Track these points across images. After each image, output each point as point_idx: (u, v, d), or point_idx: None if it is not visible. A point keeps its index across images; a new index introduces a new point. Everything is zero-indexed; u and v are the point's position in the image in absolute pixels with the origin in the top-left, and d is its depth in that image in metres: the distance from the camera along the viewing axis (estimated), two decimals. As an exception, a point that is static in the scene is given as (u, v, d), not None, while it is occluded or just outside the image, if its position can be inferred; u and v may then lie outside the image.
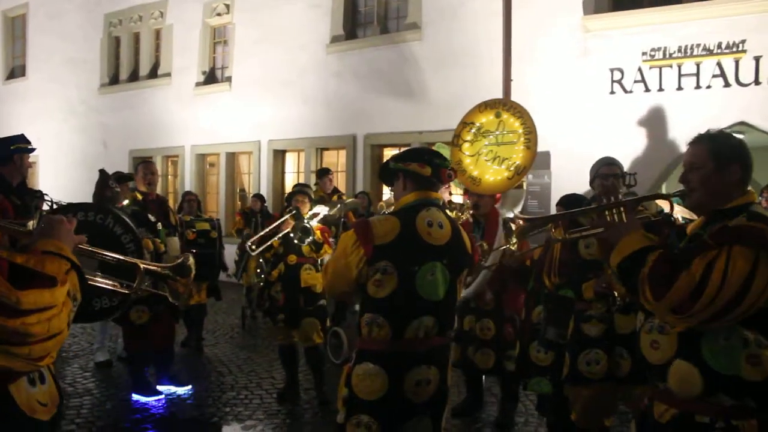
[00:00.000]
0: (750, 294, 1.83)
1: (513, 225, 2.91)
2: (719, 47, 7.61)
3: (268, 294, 5.32)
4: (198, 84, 12.85)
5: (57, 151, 14.65)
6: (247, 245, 5.36)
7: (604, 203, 2.41)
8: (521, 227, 2.78)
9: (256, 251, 5.26)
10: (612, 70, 8.29)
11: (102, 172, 5.33)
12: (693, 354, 1.96)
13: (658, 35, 7.95)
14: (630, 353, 3.42)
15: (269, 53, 11.57)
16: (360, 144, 10.73)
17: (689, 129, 2.69)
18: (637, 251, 2.05)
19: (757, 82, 7.42)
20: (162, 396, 5.28)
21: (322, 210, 5.43)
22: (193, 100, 12.83)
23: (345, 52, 10.85)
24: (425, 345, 2.54)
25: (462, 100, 7.11)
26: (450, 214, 2.88)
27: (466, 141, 5.52)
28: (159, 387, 5.39)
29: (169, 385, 5.47)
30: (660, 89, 8.00)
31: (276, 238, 5.17)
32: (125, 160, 13.61)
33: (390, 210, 3.17)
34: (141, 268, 2.23)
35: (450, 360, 2.71)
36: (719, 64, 7.62)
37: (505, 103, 5.67)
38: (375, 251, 2.49)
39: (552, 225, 3.39)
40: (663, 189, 8.46)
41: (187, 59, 12.94)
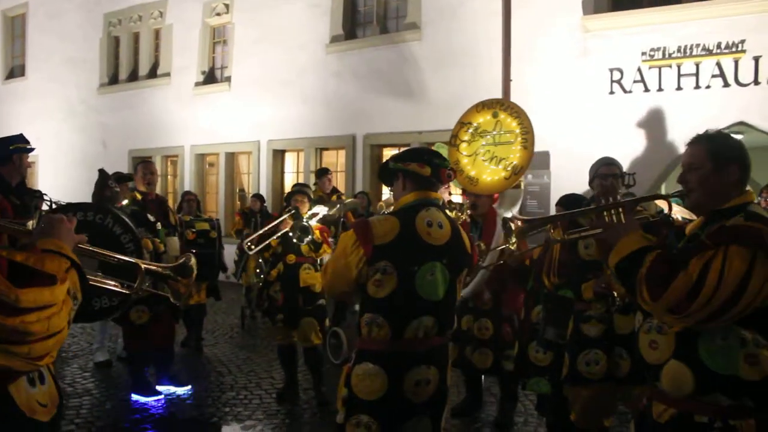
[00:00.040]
0: (746, 294, 1.83)
1: (512, 224, 2.91)
2: (718, 47, 7.62)
3: (267, 294, 5.32)
4: (197, 84, 12.85)
5: (56, 151, 14.64)
6: (245, 244, 5.36)
7: (602, 204, 2.42)
8: (520, 228, 2.78)
9: (254, 250, 5.26)
10: (611, 70, 8.30)
11: (101, 171, 5.33)
12: (690, 354, 1.96)
13: (657, 35, 7.95)
14: (629, 353, 3.42)
15: (269, 53, 11.57)
16: (359, 144, 10.72)
17: (688, 129, 2.68)
18: (635, 252, 2.05)
19: (757, 82, 7.43)
20: (161, 396, 5.28)
21: (321, 210, 5.43)
22: (193, 99, 12.83)
23: (344, 51, 10.85)
24: (425, 345, 2.54)
25: (461, 100, 7.09)
26: (450, 214, 2.88)
27: (463, 141, 5.52)
28: (158, 387, 5.39)
29: (169, 385, 5.47)
30: (659, 89, 8.00)
31: (274, 237, 5.17)
32: (125, 159, 13.61)
33: (389, 210, 3.17)
34: (142, 268, 2.21)
35: (450, 360, 2.71)
36: (718, 64, 7.62)
37: (503, 103, 5.67)
38: (375, 251, 2.49)
39: (551, 225, 3.39)
40: (662, 189, 8.47)
41: (187, 59, 12.94)
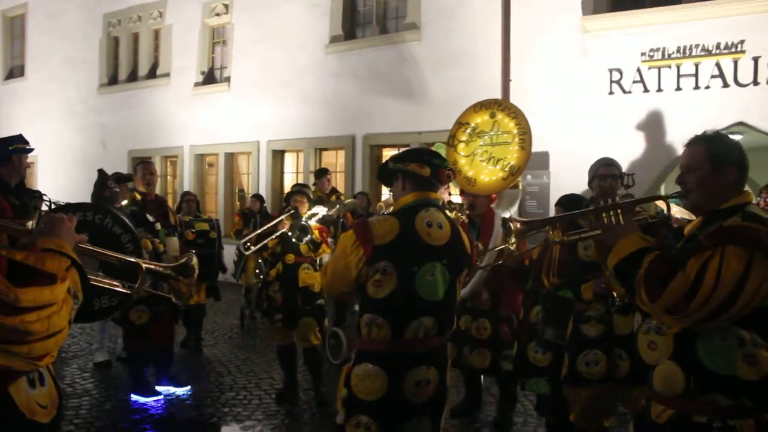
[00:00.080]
0: (743, 294, 1.84)
1: (512, 225, 2.91)
2: (718, 48, 7.62)
3: (266, 294, 5.32)
4: (197, 84, 12.85)
5: (56, 151, 14.64)
6: (241, 243, 5.36)
7: (601, 205, 2.42)
8: (519, 230, 2.78)
9: (250, 250, 5.26)
10: (611, 70, 8.30)
11: (100, 172, 5.33)
12: (689, 354, 1.96)
13: (656, 36, 7.95)
14: (629, 354, 3.42)
15: (268, 53, 11.57)
16: (359, 144, 10.72)
17: (688, 129, 2.69)
18: (634, 253, 2.06)
19: (756, 82, 7.43)
20: (161, 396, 5.28)
21: (320, 210, 5.43)
22: (192, 100, 12.82)
23: (344, 52, 10.85)
24: (425, 345, 2.54)
25: (461, 100, 7.09)
26: (449, 214, 2.89)
27: (461, 141, 5.53)
28: (158, 387, 5.39)
29: (168, 386, 5.47)
30: (659, 90, 8.00)
31: (272, 237, 5.17)
32: (124, 160, 13.61)
33: (389, 210, 3.17)
34: (143, 268, 2.20)
35: (449, 360, 2.71)
36: (718, 64, 7.62)
37: (500, 104, 5.69)
38: (374, 251, 2.49)
39: (550, 227, 3.39)
40: (662, 189, 8.47)
41: (186, 59, 12.93)
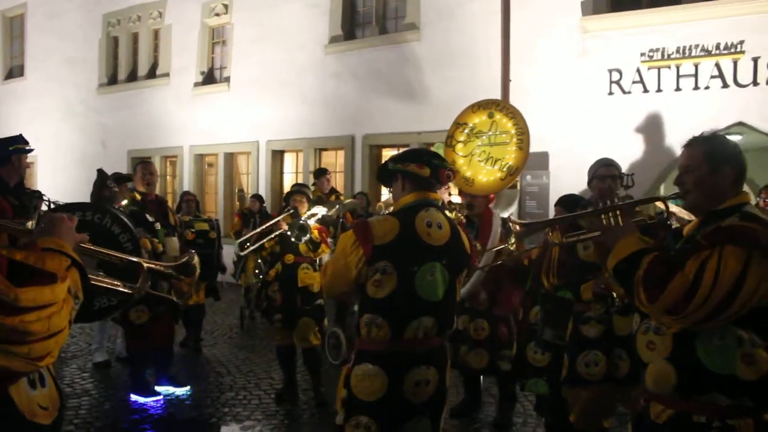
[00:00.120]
0: (741, 294, 1.84)
1: (512, 225, 2.91)
2: (717, 48, 7.62)
3: (265, 294, 5.32)
4: (196, 84, 12.84)
5: (55, 151, 14.63)
6: (238, 243, 5.36)
7: (600, 206, 2.42)
8: (518, 232, 2.78)
9: (246, 250, 5.26)
10: (610, 70, 8.30)
11: (100, 171, 5.34)
12: (688, 354, 1.97)
13: (656, 36, 7.96)
14: (629, 354, 3.43)
15: (268, 53, 11.56)
16: (358, 144, 10.72)
17: (687, 130, 2.69)
18: (633, 254, 2.06)
19: (756, 82, 7.43)
20: (160, 396, 5.28)
21: (320, 210, 5.43)
22: (192, 100, 12.82)
23: (343, 52, 10.84)
24: (424, 345, 2.54)
25: (460, 100, 7.09)
26: (449, 214, 2.89)
27: (459, 141, 5.54)
28: (157, 387, 5.39)
29: (168, 386, 5.48)
30: (658, 90, 8.00)
31: (270, 237, 5.17)
32: (124, 160, 13.60)
33: (389, 211, 3.17)
34: (144, 267, 2.20)
35: (449, 360, 2.71)
36: (717, 65, 7.63)
37: (498, 104, 5.69)
38: (374, 251, 2.49)
39: (549, 228, 3.38)
40: (661, 190, 8.47)
41: (186, 59, 12.93)
